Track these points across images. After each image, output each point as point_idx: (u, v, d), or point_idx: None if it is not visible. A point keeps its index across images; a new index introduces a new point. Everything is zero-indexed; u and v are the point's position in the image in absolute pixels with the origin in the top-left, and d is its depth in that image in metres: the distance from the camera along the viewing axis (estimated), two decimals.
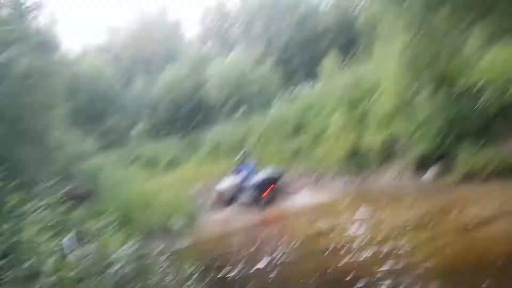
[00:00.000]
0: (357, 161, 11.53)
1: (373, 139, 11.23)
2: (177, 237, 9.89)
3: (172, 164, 15.87)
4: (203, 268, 6.98)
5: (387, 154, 10.92)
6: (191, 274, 5.63)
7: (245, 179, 12.55)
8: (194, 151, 16.58)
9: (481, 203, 7.17)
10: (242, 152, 13.60)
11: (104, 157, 12.50)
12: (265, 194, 11.93)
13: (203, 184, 13.66)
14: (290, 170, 13.04)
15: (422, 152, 9.82)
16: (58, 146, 10.01)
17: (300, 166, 13.18)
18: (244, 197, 12.26)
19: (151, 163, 16.06)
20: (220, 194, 12.83)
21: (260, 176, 12.25)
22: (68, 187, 9.64)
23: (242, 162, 13.06)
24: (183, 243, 9.58)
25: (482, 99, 9.01)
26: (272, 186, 12.06)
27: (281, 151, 14.11)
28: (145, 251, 4.85)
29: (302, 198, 11.58)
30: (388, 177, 10.56)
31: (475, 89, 9.12)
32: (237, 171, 12.98)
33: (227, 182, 12.90)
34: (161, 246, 8.53)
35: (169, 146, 17.63)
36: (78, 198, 9.60)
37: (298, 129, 14.69)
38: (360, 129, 11.89)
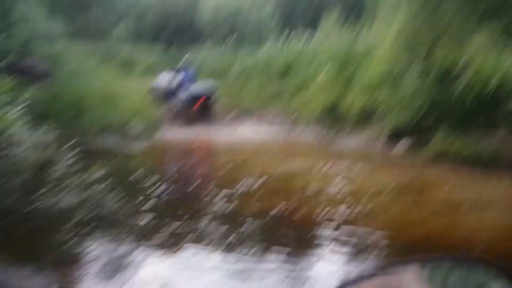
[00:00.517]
0: (333, 118, 11.40)
1: (354, 100, 11.02)
2: (131, 141, 9.57)
3: (148, 72, 15.18)
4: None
5: (364, 118, 10.78)
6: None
7: (182, 83, 12.44)
8: (173, 65, 15.95)
9: (446, 187, 6.92)
10: (186, 56, 13.45)
11: (75, 45, 11.71)
12: (197, 106, 11.91)
13: None
14: (268, 106, 12.93)
15: (398, 123, 9.66)
16: (21, 20, 9.24)
17: (275, 108, 12.93)
18: (177, 102, 12.24)
19: (125, 66, 15.31)
20: (155, 91, 12.79)
21: (196, 89, 12.22)
22: (25, 63, 9.09)
23: (184, 67, 12.88)
24: (134, 147, 9.30)
25: (471, 90, 8.82)
26: (204, 98, 12.02)
27: (261, 90, 13.75)
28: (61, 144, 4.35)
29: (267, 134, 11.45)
30: (359, 140, 10.42)
31: (465, 79, 8.93)
32: (177, 72, 12.79)
33: (164, 81, 12.79)
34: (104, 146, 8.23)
35: (149, 54, 16.83)
36: (36, 75, 9.05)
37: (283, 73, 14.30)
38: (344, 88, 11.67)
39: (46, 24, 10.12)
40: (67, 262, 3.89)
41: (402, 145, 9.45)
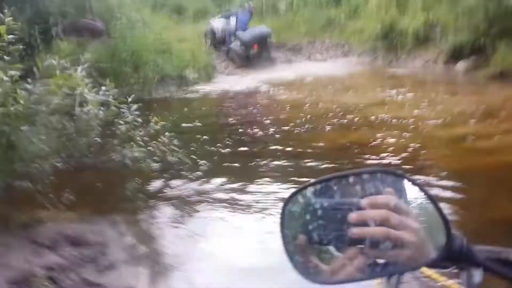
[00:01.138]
0: (390, 41, 10.98)
1: (411, 21, 10.54)
2: (189, 87, 9.92)
3: (199, 15, 15.16)
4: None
5: (423, 38, 10.34)
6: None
7: (236, 27, 12.11)
8: (223, 5, 15.75)
9: None
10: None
11: None
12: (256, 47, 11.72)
13: None
14: (319, 39, 12.64)
15: (459, 42, 9.21)
16: None
17: (330, 37, 12.64)
18: (233, 47, 12.00)
19: (176, 11, 15.37)
20: (212, 32, 12.51)
21: (253, 33, 11.83)
22: (81, 23, 9.48)
23: (237, 10, 12.52)
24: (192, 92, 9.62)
25: None
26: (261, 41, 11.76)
27: (313, 19, 13.36)
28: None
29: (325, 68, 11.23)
30: (419, 62, 10.10)
31: None
32: (230, 15, 12.42)
33: (220, 23, 12.45)
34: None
35: None
36: (93, 33, 9.46)
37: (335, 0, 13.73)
38: (400, 7, 11.15)
39: None
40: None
41: (464, 64, 9.06)
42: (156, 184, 4.85)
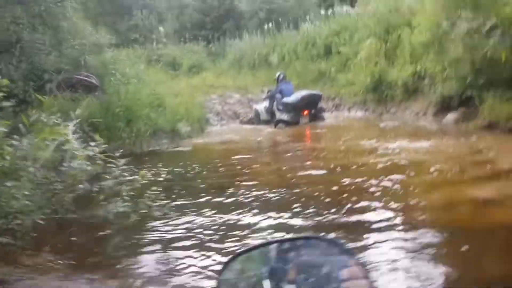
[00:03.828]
0: (380, 93, 11.20)
1: (399, 72, 10.83)
2: (182, 141, 9.99)
3: (193, 69, 15.57)
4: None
5: (412, 90, 10.56)
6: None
7: (281, 97, 11.47)
8: (217, 59, 16.23)
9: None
10: (279, 74, 12.31)
11: (121, 53, 12.27)
12: (306, 113, 11.04)
13: (221, 94, 13.43)
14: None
15: (447, 93, 9.37)
16: (70, 35, 9.82)
17: (321, 89, 12.81)
18: (283, 116, 11.27)
19: (171, 66, 15.81)
20: (257, 115, 12.13)
21: (300, 94, 11.18)
22: (76, 78, 9.69)
23: (279, 84, 11.84)
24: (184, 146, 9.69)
25: None
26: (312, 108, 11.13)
27: (305, 71, 13.70)
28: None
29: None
30: (409, 114, 10.25)
31: None
32: (272, 95, 11.77)
33: (263, 104, 12.07)
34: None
35: (192, 51, 17.18)
36: (87, 89, 9.65)
37: (326, 51, 14.17)
38: (389, 60, 11.48)
39: (93, 37, 10.67)
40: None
41: (453, 115, 9.17)
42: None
